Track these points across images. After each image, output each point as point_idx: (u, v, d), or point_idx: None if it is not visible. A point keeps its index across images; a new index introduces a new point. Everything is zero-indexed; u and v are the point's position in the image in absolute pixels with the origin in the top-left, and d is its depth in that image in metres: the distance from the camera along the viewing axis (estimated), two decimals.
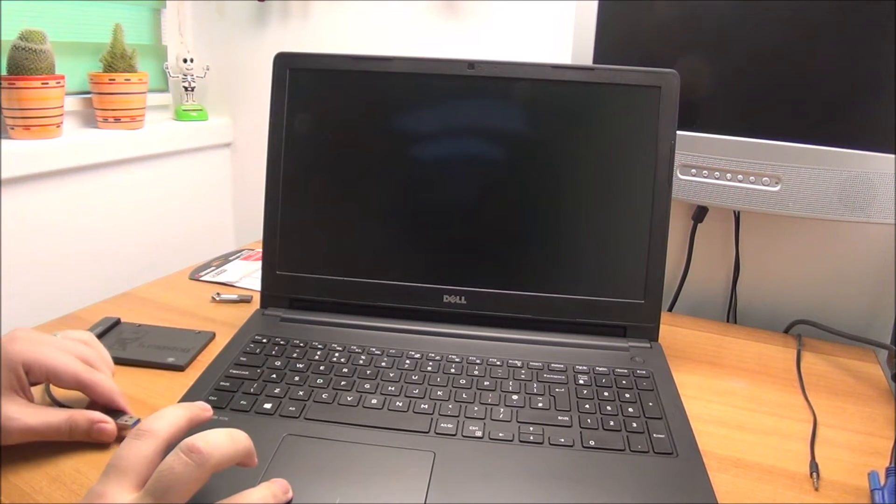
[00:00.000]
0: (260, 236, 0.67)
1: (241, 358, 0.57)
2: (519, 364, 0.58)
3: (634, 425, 0.50)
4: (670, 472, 0.45)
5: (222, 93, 1.20)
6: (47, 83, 0.88)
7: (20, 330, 0.49)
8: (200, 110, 1.18)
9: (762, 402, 0.59)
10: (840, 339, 0.72)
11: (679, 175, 0.71)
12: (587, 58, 0.72)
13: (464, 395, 0.53)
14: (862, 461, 0.51)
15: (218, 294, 0.77)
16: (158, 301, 0.76)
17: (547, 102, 0.63)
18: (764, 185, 0.68)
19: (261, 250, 0.67)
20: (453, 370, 0.57)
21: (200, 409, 0.42)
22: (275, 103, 0.65)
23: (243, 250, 0.95)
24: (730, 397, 0.60)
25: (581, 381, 0.56)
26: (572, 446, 0.47)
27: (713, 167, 0.69)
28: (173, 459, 0.35)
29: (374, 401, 0.52)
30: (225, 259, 0.91)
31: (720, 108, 0.69)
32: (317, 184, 0.66)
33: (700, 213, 0.83)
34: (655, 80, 0.61)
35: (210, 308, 0.74)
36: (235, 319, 0.68)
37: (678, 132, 0.62)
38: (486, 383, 0.55)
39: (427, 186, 0.65)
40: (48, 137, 0.91)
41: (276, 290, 0.67)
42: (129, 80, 1.01)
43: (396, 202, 0.66)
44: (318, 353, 0.58)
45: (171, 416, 0.39)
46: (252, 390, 0.53)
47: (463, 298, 0.64)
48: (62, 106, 0.92)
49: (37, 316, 0.71)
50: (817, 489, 0.48)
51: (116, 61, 1.00)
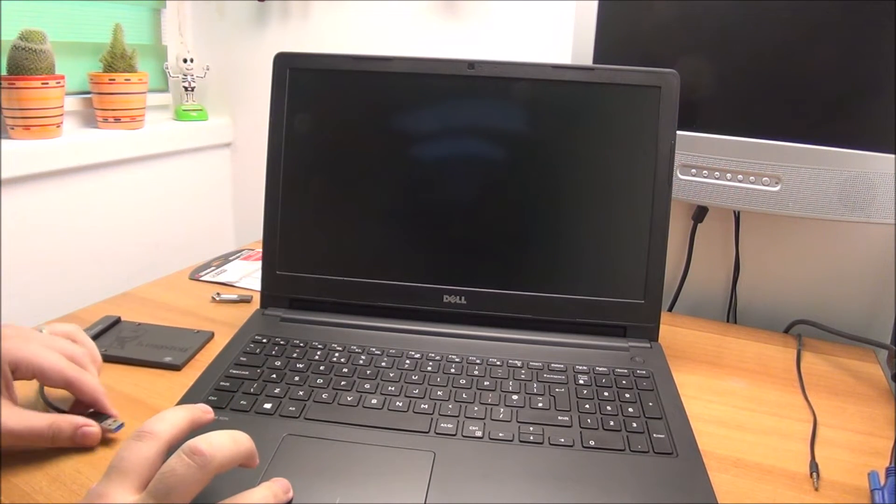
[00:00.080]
0: (260, 236, 0.67)
1: (241, 358, 0.57)
2: (519, 364, 0.58)
3: (634, 425, 0.50)
4: (670, 472, 0.45)
5: (222, 93, 1.20)
6: (47, 83, 0.88)
7: (7, 327, 0.48)
8: (200, 110, 1.18)
9: (762, 402, 0.59)
10: (840, 339, 0.72)
11: (679, 175, 0.71)
12: (587, 58, 0.72)
13: (464, 395, 0.53)
14: (862, 461, 0.51)
15: (218, 294, 0.77)
16: (158, 301, 0.76)
17: (547, 102, 0.63)
18: (764, 185, 0.68)
19: (261, 250, 0.67)
20: (453, 370, 0.57)
21: (202, 412, 0.42)
22: (275, 103, 0.65)
23: (243, 250, 0.95)
24: (730, 397, 0.60)
25: (581, 381, 0.56)
26: (572, 446, 0.48)
27: (713, 167, 0.69)
28: (176, 461, 0.35)
29: (374, 401, 0.52)
30: (225, 259, 0.91)
31: (720, 108, 0.69)
32: (317, 184, 0.66)
33: (700, 213, 0.83)
34: (655, 80, 0.61)
35: (210, 308, 0.74)
36: (235, 319, 0.68)
37: (678, 132, 0.62)
38: (486, 383, 0.55)
39: (427, 186, 0.65)
40: (48, 137, 0.91)
41: (276, 290, 0.67)
42: (129, 80, 1.01)
43: (396, 202, 0.66)
44: (318, 353, 0.58)
45: (173, 418, 0.39)
46: (252, 390, 0.53)
47: (463, 298, 0.64)
48: (62, 106, 0.92)
49: (37, 316, 0.71)
50: (817, 489, 0.48)
51: (116, 61, 1.00)
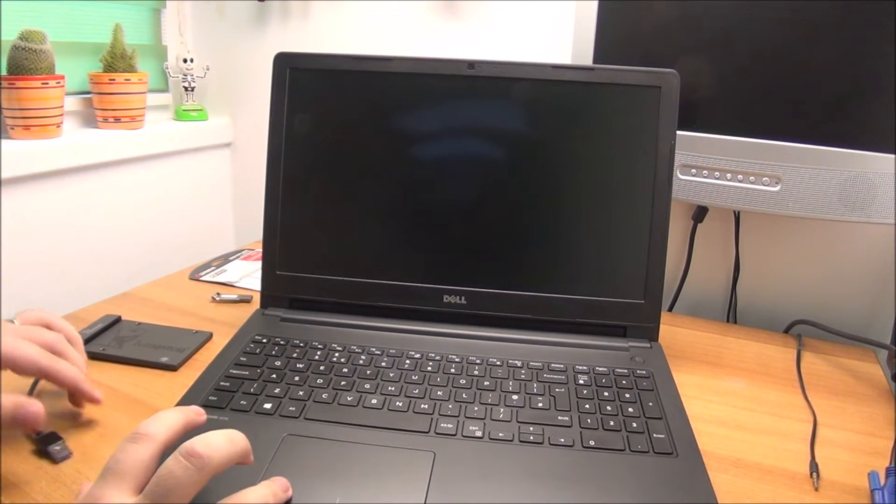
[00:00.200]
0: (260, 236, 0.67)
1: (241, 358, 0.57)
2: (519, 364, 0.58)
3: (634, 425, 0.50)
4: (670, 472, 0.45)
5: (222, 93, 1.20)
6: (47, 83, 0.88)
7: None
8: (200, 110, 1.18)
9: (762, 402, 0.59)
10: (840, 339, 0.72)
11: (679, 175, 0.71)
12: (587, 58, 0.72)
13: (464, 395, 0.53)
14: (862, 461, 0.51)
15: (218, 294, 0.77)
16: (158, 301, 0.76)
17: (547, 102, 0.63)
18: (764, 185, 0.68)
19: (261, 250, 0.67)
20: (453, 370, 0.57)
21: (195, 414, 0.41)
22: (275, 103, 0.65)
23: (243, 250, 0.95)
24: (730, 397, 0.60)
25: (581, 381, 0.56)
26: (572, 446, 0.47)
27: (713, 167, 0.69)
28: (174, 464, 0.35)
29: (374, 401, 0.52)
30: (225, 259, 0.91)
31: (720, 108, 0.69)
32: (317, 184, 0.66)
33: (700, 213, 0.83)
34: (655, 80, 0.61)
35: (210, 308, 0.74)
36: (235, 319, 0.68)
37: (678, 132, 0.62)
38: (486, 383, 0.55)
39: (427, 186, 0.65)
40: (48, 137, 0.91)
41: (276, 290, 0.67)
42: (129, 80, 1.01)
43: (396, 202, 0.66)
44: (318, 353, 0.58)
45: (168, 420, 0.39)
46: (252, 390, 0.53)
47: (463, 298, 0.64)
48: (62, 106, 0.92)
49: None
50: (817, 489, 0.48)
51: (116, 61, 1.00)
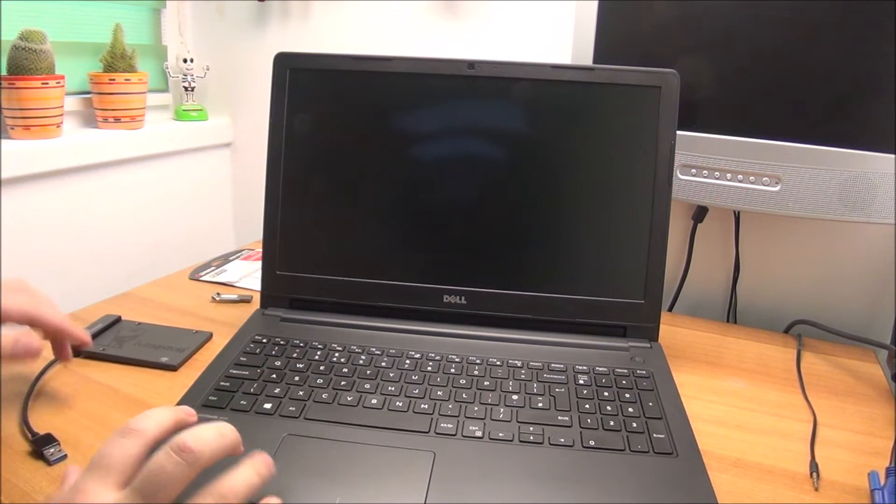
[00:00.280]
0: (260, 236, 0.67)
1: (241, 358, 0.57)
2: (519, 364, 0.58)
3: (634, 425, 0.50)
4: (670, 472, 0.45)
5: (222, 93, 1.20)
6: (47, 83, 0.88)
7: None
8: (200, 110, 1.18)
9: (762, 402, 0.59)
10: (840, 339, 0.72)
11: (679, 175, 0.71)
12: (587, 58, 0.72)
13: (464, 395, 0.53)
14: (862, 461, 0.51)
15: (218, 294, 0.77)
16: (158, 301, 0.76)
17: (547, 102, 0.63)
18: (764, 185, 0.68)
19: (261, 250, 0.67)
20: (453, 370, 0.57)
21: (187, 414, 0.41)
22: (275, 103, 0.65)
23: (243, 250, 0.95)
24: (730, 397, 0.60)
25: (581, 381, 0.56)
26: (572, 446, 0.47)
27: (713, 167, 0.69)
28: (164, 458, 0.35)
29: (374, 401, 0.52)
30: (225, 259, 0.91)
31: (720, 108, 0.69)
32: (317, 184, 0.66)
33: (700, 213, 0.83)
34: (655, 80, 0.61)
35: (210, 308, 0.74)
36: (235, 319, 0.68)
37: (678, 132, 0.62)
38: (486, 383, 0.55)
39: (427, 186, 0.65)
40: (48, 137, 0.91)
41: (276, 290, 0.67)
42: (129, 80, 1.01)
43: (396, 202, 0.66)
44: (318, 353, 0.58)
45: (160, 417, 0.39)
46: (252, 390, 0.53)
47: (463, 298, 0.64)
48: (62, 106, 0.92)
49: None
50: (817, 489, 0.48)
51: (116, 61, 1.00)
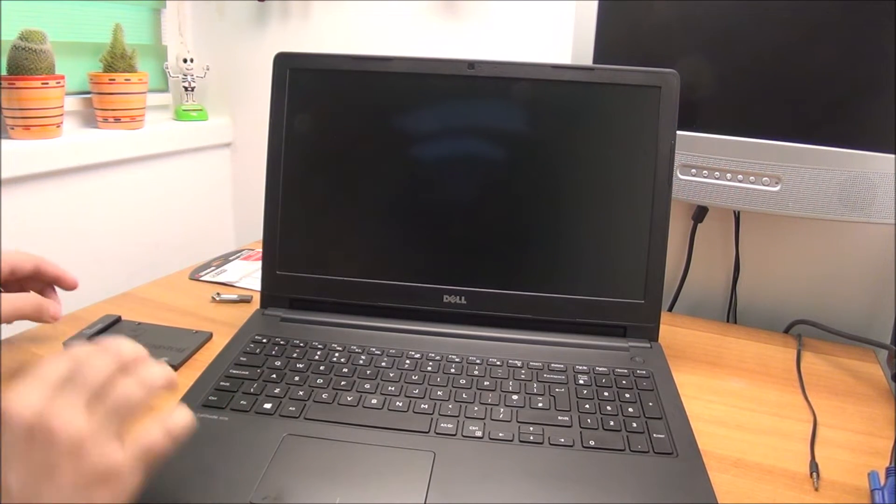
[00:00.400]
0: (260, 236, 0.67)
1: (241, 358, 0.57)
2: (519, 364, 0.58)
3: (634, 425, 0.50)
4: (670, 472, 0.45)
5: (222, 93, 1.20)
6: (47, 83, 0.88)
7: None
8: (200, 110, 1.18)
9: (762, 402, 0.59)
10: (840, 339, 0.72)
11: (679, 175, 0.71)
12: (587, 58, 0.72)
13: (464, 395, 0.53)
14: (862, 461, 0.51)
15: (218, 294, 0.77)
16: (158, 301, 0.76)
17: (547, 102, 0.63)
18: (764, 185, 0.68)
19: (261, 250, 0.67)
20: (453, 370, 0.57)
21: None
22: (275, 103, 0.65)
23: (243, 250, 0.95)
24: (730, 397, 0.60)
25: (581, 381, 0.56)
26: (572, 446, 0.48)
27: (713, 167, 0.69)
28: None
29: (374, 401, 0.52)
30: (225, 259, 0.91)
31: (720, 108, 0.69)
32: (317, 184, 0.66)
33: (700, 213, 0.83)
34: (655, 80, 0.61)
35: (210, 308, 0.74)
36: (235, 319, 0.68)
37: (678, 132, 0.62)
38: (486, 383, 0.55)
39: (427, 186, 0.65)
40: (48, 137, 0.91)
41: (276, 290, 0.67)
42: (129, 80, 1.01)
43: (396, 202, 0.66)
44: (318, 353, 0.58)
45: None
46: (252, 390, 0.53)
47: (463, 298, 0.64)
48: (62, 106, 0.92)
49: None
50: (817, 489, 0.48)
51: (116, 61, 1.00)
